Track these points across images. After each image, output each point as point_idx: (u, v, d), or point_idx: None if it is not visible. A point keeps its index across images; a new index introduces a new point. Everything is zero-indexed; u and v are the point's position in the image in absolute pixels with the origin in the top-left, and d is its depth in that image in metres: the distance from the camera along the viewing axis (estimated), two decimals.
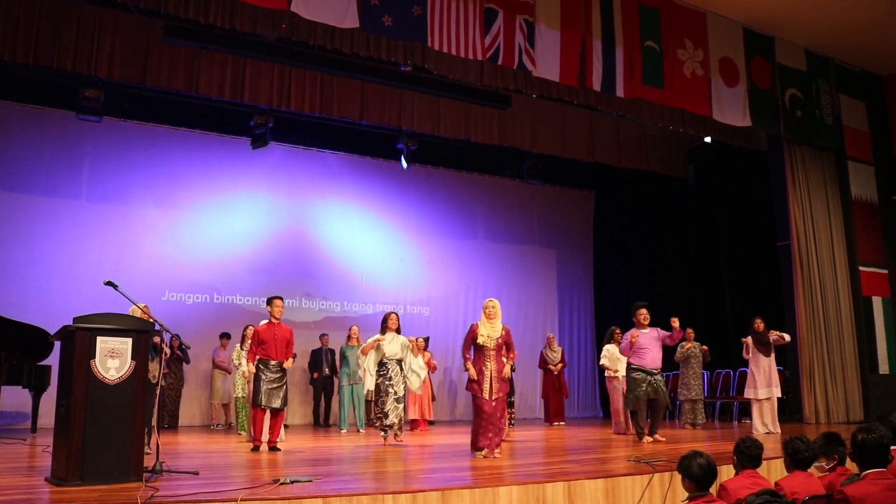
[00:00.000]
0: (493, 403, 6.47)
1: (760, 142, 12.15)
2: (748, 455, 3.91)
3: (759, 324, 9.38)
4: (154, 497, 4.00)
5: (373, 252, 13.73)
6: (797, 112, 11.47)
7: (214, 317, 12.03)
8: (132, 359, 4.77)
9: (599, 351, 10.55)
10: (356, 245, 13.58)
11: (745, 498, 3.47)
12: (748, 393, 9.39)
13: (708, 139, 12.81)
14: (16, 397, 9.84)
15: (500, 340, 6.58)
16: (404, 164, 13.04)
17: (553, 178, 15.04)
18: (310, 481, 4.64)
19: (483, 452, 6.43)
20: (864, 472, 3.40)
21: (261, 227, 12.78)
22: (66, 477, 4.49)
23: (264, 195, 12.84)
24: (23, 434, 8.92)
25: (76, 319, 4.75)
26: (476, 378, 6.49)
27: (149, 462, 5.01)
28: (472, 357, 6.61)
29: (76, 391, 4.59)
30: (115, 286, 5.21)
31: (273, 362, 7.28)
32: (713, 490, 3.63)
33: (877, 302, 11.79)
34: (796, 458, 3.87)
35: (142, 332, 4.92)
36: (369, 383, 8.02)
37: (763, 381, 9.24)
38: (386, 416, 7.84)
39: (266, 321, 7.47)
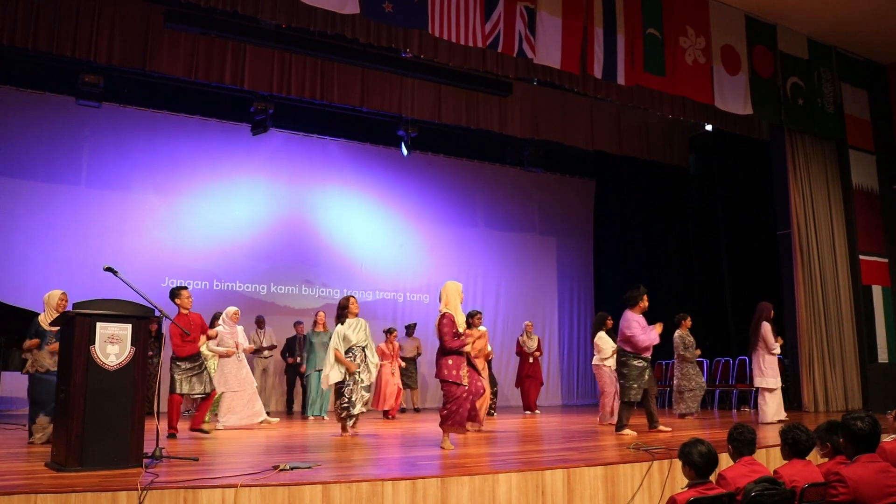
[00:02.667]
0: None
1: (761, 130, 12.13)
2: (742, 440, 3.93)
3: (771, 312, 9.09)
4: (154, 483, 4.01)
5: (373, 239, 13.72)
6: (799, 100, 11.43)
7: (214, 303, 11.97)
8: (132, 345, 4.79)
9: None
10: (356, 232, 13.56)
11: (743, 486, 3.48)
12: (767, 383, 9.04)
13: (709, 127, 12.78)
14: (15, 383, 9.86)
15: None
16: (405, 151, 12.99)
17: (553, 165, 15.02)
18: (309, 468, 4.66)
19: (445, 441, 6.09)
20: (857, 456, 3.55)
21: (260, 214, 12.77)
22: (65, 462, 4.50)
23: (264, 182, 12.81)
24: (22, 419, 8.91)
25: (76, 305, 4.76)
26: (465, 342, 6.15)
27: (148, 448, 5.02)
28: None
29: (76, 377, 4.60)
30: (114, 272, 5.20)
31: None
32: (712, 478, 3.65)
33: (877, 291, 11.80)
34: (797, 447, 3.89)
35: (141, 319, 4.92)
36: (334, 376, 7.35)
37: (773, 370, 8.99)
38: (353, 405, 7.35)
39: (176, 314, 7.28)
